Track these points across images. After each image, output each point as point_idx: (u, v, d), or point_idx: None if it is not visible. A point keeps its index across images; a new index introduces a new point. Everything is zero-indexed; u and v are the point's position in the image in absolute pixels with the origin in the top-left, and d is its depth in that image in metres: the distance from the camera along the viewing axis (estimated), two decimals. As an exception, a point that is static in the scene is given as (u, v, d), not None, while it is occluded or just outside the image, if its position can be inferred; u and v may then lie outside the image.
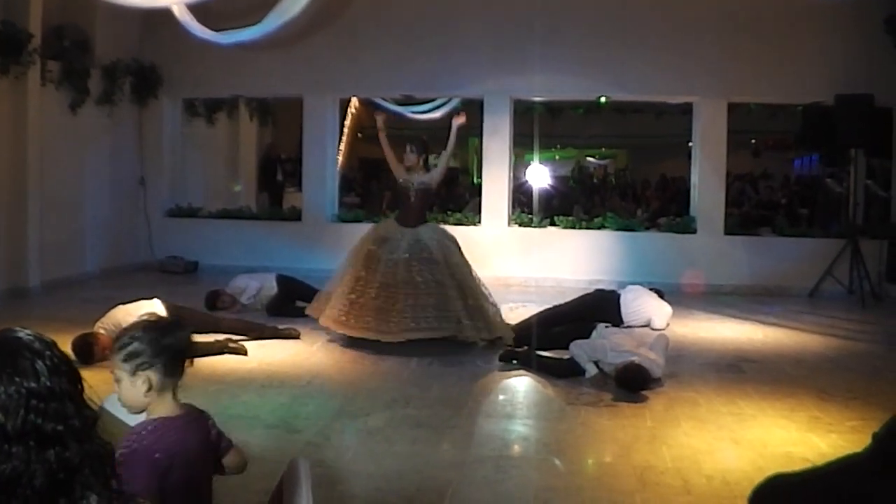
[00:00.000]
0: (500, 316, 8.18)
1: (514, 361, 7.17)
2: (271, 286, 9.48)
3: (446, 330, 7.80)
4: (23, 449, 1.31)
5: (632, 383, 6.35)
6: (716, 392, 6.48)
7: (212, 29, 9.36)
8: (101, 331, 6.96)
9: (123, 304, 7.28)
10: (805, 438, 5.42)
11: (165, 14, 9.41)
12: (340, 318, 7.84)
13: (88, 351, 6.61)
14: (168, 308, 7.27)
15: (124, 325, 6.66)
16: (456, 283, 7.97)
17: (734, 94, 11.81)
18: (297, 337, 8.09)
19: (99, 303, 8.19)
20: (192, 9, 8.94)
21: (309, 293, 9.32)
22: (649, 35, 11.68)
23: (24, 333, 1.48)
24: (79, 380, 1.48)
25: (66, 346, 5.08)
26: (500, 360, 7.24)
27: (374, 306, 7.74)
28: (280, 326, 8.24)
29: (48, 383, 1.38)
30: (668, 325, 8.85)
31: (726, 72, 11.57)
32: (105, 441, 1.50)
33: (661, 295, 9.27)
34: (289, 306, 9.28)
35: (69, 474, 1.34)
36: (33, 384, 1.37)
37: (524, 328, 8.11)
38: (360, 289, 7.88)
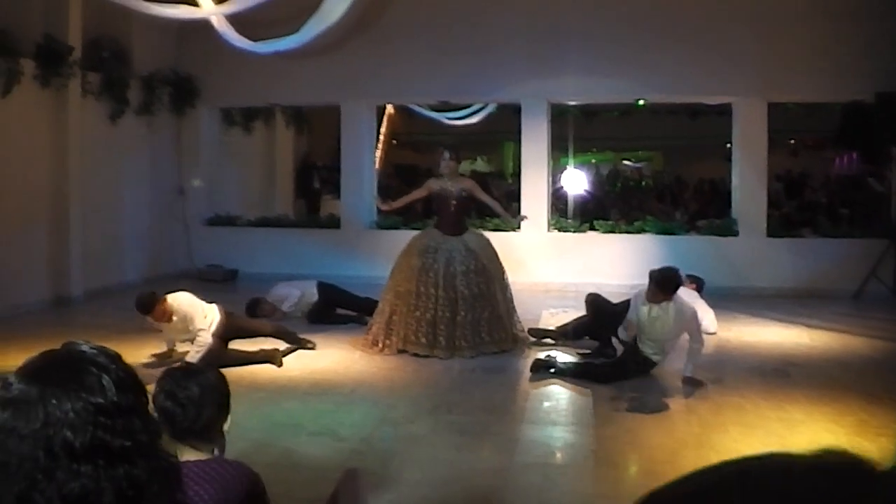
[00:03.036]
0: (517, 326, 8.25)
1: (552, 370, 6.99)
2: (312, 293, 9.48)
3: (501, 344, 7.90)
4: (91, 467, 1.28)
5: (668, 283, 6.63)
6: (762, 397, 6.40)
7: (249, 38, 9.42)
8: (169, 298, 7.02)
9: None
10: (854, 443, 5.32)
11: (201, 24, 9.50)
12: (411, 338, 7.70)
13: (150, 303, 6.89)
14: (223, 314, 7.28)
15: (186, 306, 6.91)
16: (501, 290, 8.05)
17: (773, 94, 11.65)
18: (312, 348, 7.94)
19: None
20: (230, 18, 9.01)
21: (350, 300, 9.32)
22: (686, 35, 11.54)
23: (87, 347, 1.45)
24: (144, 393, 1.47)
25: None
26: (532, 370, 7.01)
27: (443, 321, 7.68)
28: (303, 336, 8.10)
29: (115, 398, 1.36)
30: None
31: (765, 71, 11.41)
32: (170, 454, 1.49)
33: (700, 284, 9.23)
34: (330, 313, 9.29)
35: (137, 491, 1.32)
36: (100, 400, 1.34)
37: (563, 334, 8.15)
38: (424, 305, 7.74)
